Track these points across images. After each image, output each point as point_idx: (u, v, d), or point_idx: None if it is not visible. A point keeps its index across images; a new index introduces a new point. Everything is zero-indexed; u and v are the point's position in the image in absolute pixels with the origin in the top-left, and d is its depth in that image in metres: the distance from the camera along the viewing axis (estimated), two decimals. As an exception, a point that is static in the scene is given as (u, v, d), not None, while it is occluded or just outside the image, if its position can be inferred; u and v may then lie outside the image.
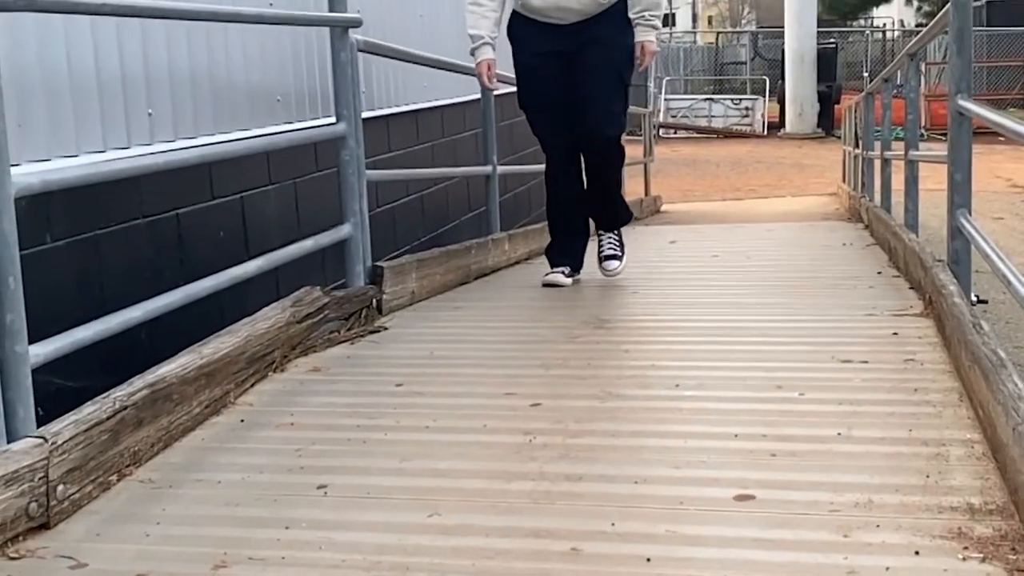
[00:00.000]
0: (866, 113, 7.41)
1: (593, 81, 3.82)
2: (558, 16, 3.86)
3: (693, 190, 12.96)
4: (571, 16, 3.85)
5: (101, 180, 2.21)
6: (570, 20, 3.85)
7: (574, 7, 3.84)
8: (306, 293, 3.08)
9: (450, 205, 5.99)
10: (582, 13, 3.84)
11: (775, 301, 3.65)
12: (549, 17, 3.87)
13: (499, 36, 3.99)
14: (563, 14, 3.86)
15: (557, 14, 3.86)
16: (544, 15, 3.88)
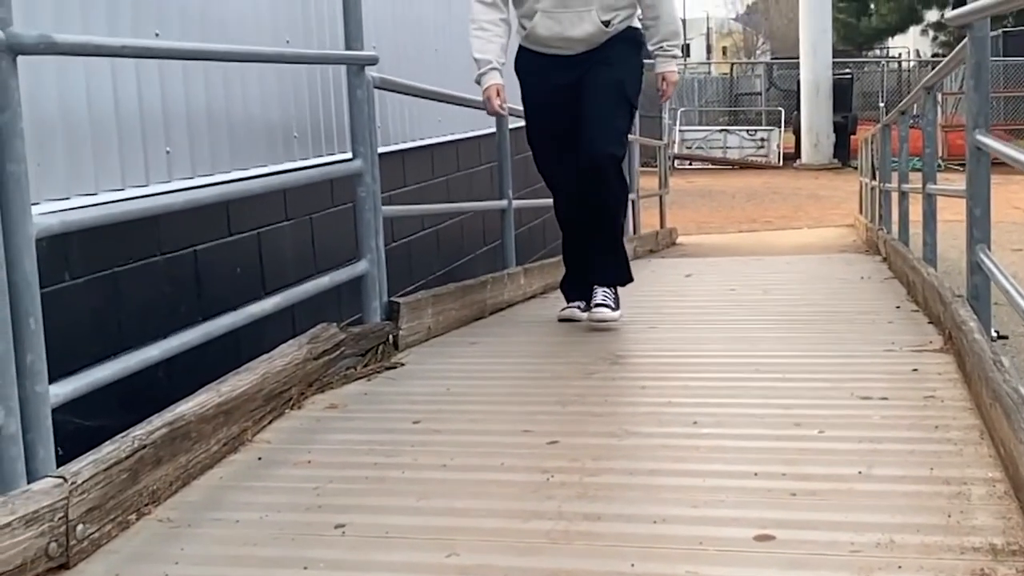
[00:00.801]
0: (883, 145, 7.41)
1: (595, 98, 3.72)
2: (564, 47, 3.78)
3: (709, 222, 12.96)
4: (577, 46, 3.77)
5: (120, 220, 2.22)
6: (576, 51, 3.77)
7: (579, 37, 3.75)
8: (323, 330, 3.08)
9: (465, 239, 6.01)
10: (588, 43, 3.76)
11: (793, 336, 3.63)
12: (555, 48, 3.80)
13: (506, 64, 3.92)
14: (569, 44, 3.78)
15: (563, 45, 3.78)
16: (550, 46, 3.80)
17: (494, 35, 3.77)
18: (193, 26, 3.45)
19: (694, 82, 28.70)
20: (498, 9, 3.78)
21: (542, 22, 3.75)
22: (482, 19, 3.76)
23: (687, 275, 5.84)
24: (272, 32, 3.96)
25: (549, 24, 3.75)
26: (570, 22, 3.73)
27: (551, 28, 3.75)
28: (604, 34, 3.76)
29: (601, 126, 3.68)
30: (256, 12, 3.86)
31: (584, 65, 3.75)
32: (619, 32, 3.78)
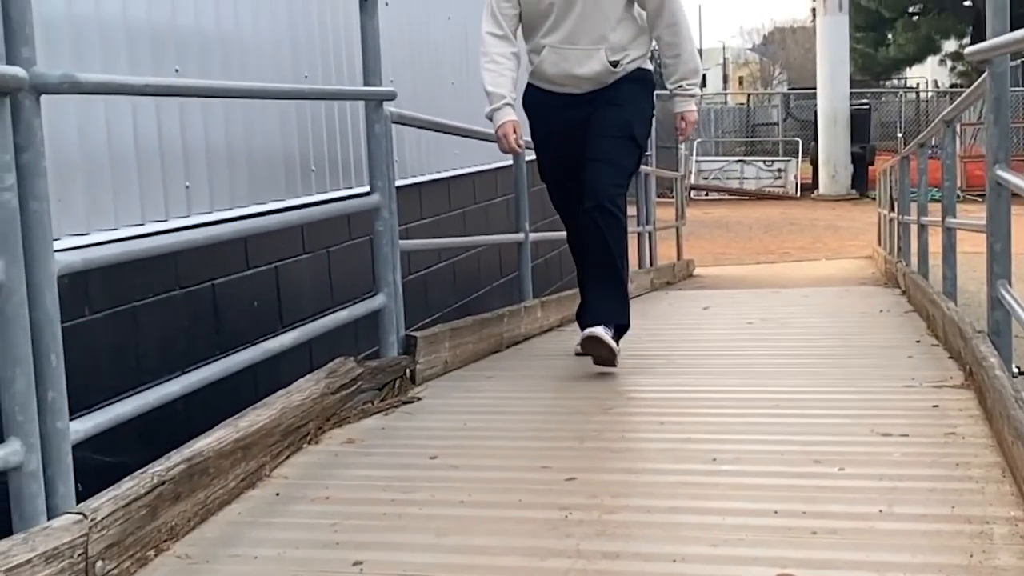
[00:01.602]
0: (901, 177, 7.39)
1: (601, 139, 3.63)
2: (571, 85, 3.72)
3: (726, 253, 12.93)
4: (584, 85, 3.70)
5: (141, 257, 2.24)
6: (584, 89, 3.71)
7: (586, 75, 3.68)
8: (340, 364, 3.08)
9: (482, 271, 6.01)
10: (596, 82, 3.69)
11: (812, 371, 3.62)
12: (562, 86, 3.74)
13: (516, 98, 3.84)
14: (576, 83, 3.71)
15: (570, 83, 3.71)
16: (557, 84, 3.74)
17: (506, 68, 3.70)
18: (213, 61, 3.49)
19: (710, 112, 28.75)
20: (510, 42, 3.73)
21: (549, 58, 3.70)
22: (494, 52, 3.70)
23: (705, 308, 5.82)
24: (292, 66, 3.99)
25: (556, 60, 3.69)
26: (577, 60, 3.67)
27: (558, 65, 3.70)
28: (612, 74, 3.69)
29: (605, 168, 3.60)
30: (276, 47, 3.89)
31: (592, 104, 3.69)
32: (629, 72, 3.71)
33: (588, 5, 3.60)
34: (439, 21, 5.42)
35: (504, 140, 3.72)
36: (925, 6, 27.14)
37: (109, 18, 2.98)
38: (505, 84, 3.69)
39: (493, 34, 3.70)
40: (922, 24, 27.14)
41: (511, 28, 3.72)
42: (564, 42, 3.66)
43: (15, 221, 1.77)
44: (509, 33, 3.72)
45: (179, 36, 3.32)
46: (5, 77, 1.73)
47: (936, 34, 27.32)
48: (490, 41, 3.70)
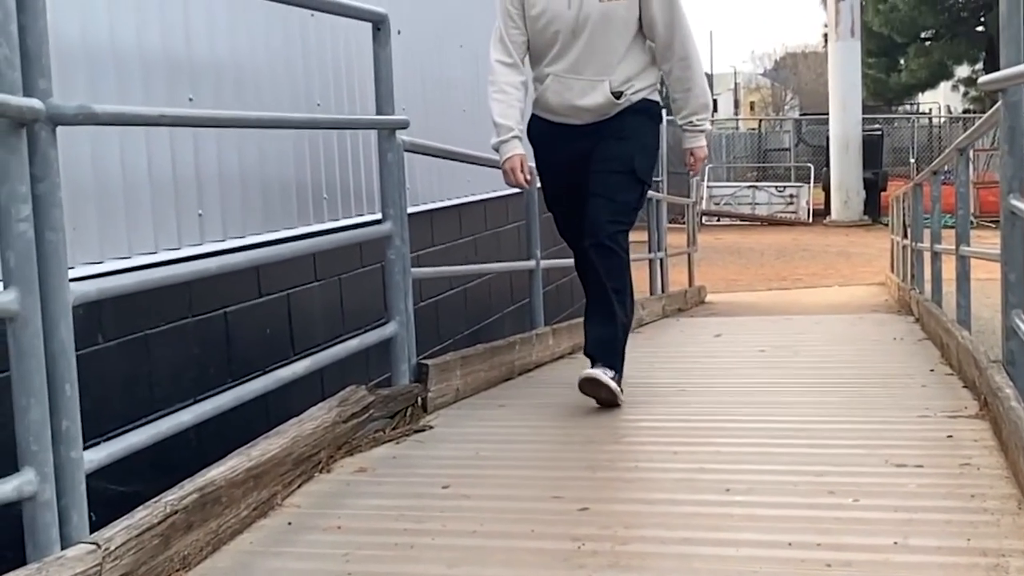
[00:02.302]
0: (914, 203, 7.38)
1: (602, 174, 3.54)
2: (572, 116, 3.63)
3: (738, 279, 12.90)
4: (585, 116, 3.61)
5: (155, 287, 2.25)
6: (585, 120, 3.61)
7: (588, 106, 3.59)
8: (352, 392, 3.08)
9: (493, 298, 6.02)
10: (597, 113, 3.60)
11: (825, 400, 3.60)
12: (564, 117, 3.66)
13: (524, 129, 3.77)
14: (577, 113, 3.62)
15: (571, 113, 3.63)
16: (559, 114, 3.66)
17: (515, 99, 3.63)
18: (226, 88, 3.51)
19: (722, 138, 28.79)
20: (518, 70, 3.66)
21: (553, 87, 3.63)
22: (503, 81, 3.62)
23: (717, 335, 5.81)
24: (305, 93, 4.01)
25: (559, 90, 3.62)
26: (580, 90, 3.59)
27: (561, 95, 3.62)
28: (614, 106, 3.59)
29: (605, 204, 3.51)
30: (289, 74, 3.91)
31: (595, 136, 3.61)
32: (634, 104, 3.61)
33: (595, 34, 3.53)
34: (451, 49, 5.46)
35: (510, 174, 3.65)
36: (937, 32, 27.18)
37: (123, 46, 3.00)
38: (513, 115, 3.63)
39: (502, 62, 3.63)
40: (934, 50, 27.16)
41: (520, 55, 3.65)
42: (568, 71, 3.59)
43: (31, 252, 1.78)
44: (518, 60, 3.65)
45: (193, 64, 3.34)
46: (22, 109, 1.75)
47: (949, 60, 27.34)
48: (499, 69, 3.64)
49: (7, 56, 1.78)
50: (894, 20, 25.91)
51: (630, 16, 3.53)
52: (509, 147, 3.60)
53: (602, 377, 3.42)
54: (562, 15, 3.52)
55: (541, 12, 3.55)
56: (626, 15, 3.52)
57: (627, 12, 3.52)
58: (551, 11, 3.53)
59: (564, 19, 3.52)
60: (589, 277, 3.61)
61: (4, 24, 1.77)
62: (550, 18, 3.54)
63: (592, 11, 3.50)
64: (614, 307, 3.53)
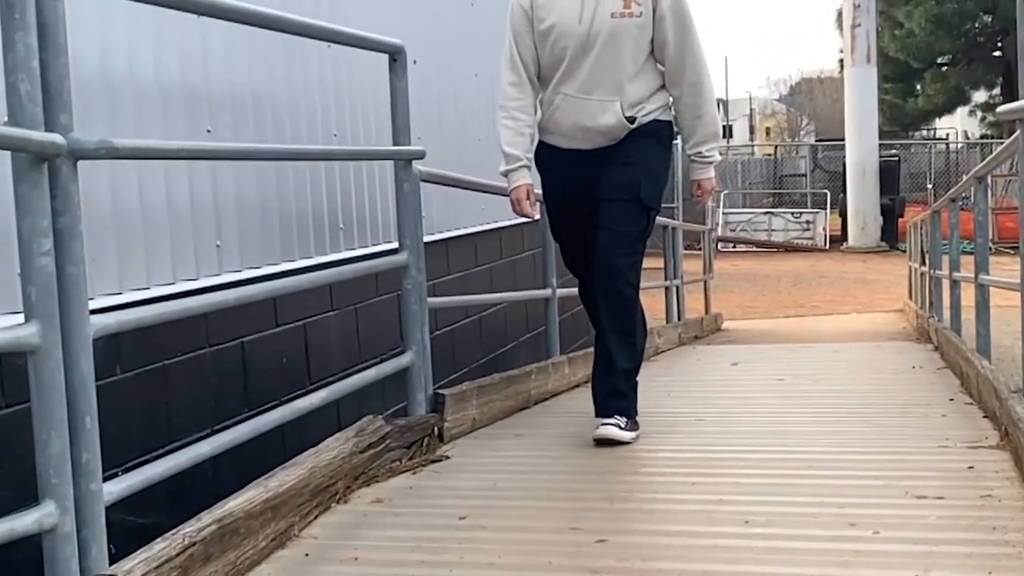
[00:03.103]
0: (932, 231, 7.35)
1: (609, 203, 3.42)
2: (582, 139, 3.50)
3: (754, 307, 12.85)
4: (596, 139, 3.49)
5: (174, 319, 2.26)
6: (596, 144, 3.49)
7: (599, 129, 3.46)
8: (368, 423, 3.08)
9: (508, 326, 6.01)
10: (608, 136, 3.47)
11: (844, 430, 3.57)
12: (575, 141, 3.52)
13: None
14: (588, 136, 3.49)
15: (581, 136, 3.50)
16: (570, 138, 3.53)
17: (524, 125, 3.55)
18: (245, 119, 3.54)
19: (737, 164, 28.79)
20: (528, 91, 3.55)
21: (563, 107, 3.50)
22: (511, 105, 3.55)
23: (734, 364, 5.78)
24: (322, 123, 4.04)
25: (569, 110, 3.49)
26: (591, 112, 3.46)
27: (570, 115, 3.49)
28: (624, 127, 3.47)
29: (612, 238, 3.41)
30: (307, 105, 3.94)
31: (603, 162, 3.50)
32: (643, 125, 3.48)
33: (605, 52, 3.40)
34: (466, 78, 5.49)
35: (518, 205, 3.63)
36: (954, 57, 27.17)
37: (142, 78, 3.03)
38: (521, 144, 3.55)
39: (512, 83, 3.54)
40: (951, 75, 27.15)
41: (530, 73, 3.54)
42: (578, 91, 3.46)
43: (52, 285, 1.79)
44: (527, 80, 3.54)
45: (211, 95, 3.37)
46: (44, 144, 1.77)
47: (966, 85, 27.32)
48: (509, 92, 3.55)
49: (29, 92, 1.80)
50: (910, 46, 25.92)
51: (642, 36, 3.43)
52: (516, 177, 3.57)
53: (616, 435, 3.36)
54: (572, 30, 3.41)
55: (550, 27, 3.45)
56: (638, 34, 3.41)
57: (639, 31, 3.41)
58: (561, 26, 3.43)
59: (574, 34, 3.41)
60: (599, 318, 3.53)
61: (26, 60, 1.79)
62: (559, 33, 3.44)
63: (603, 27, 3.39)
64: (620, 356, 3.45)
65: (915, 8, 25.27)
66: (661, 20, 3.41)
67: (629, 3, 3.39)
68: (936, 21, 25.14)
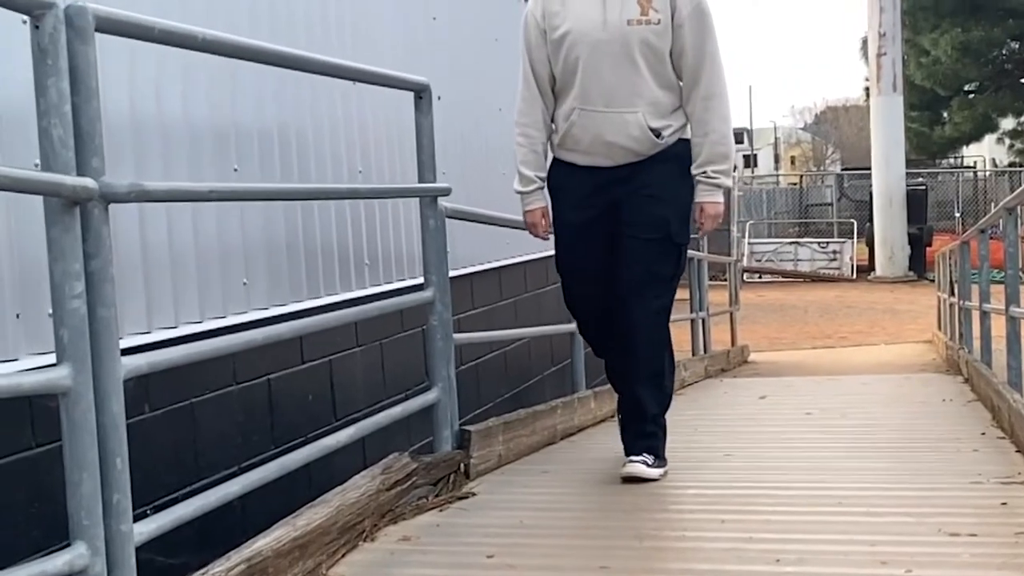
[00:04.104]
0: (962, 261, 7.29)
1: (634, 243, 3.24)
2: (603, 154, 3.28)
3: (781, 338, 12.77)
4: (618, 155, 3.27)
5: (203, 359, 2.27)
6: (618, 161, 3.27)
7: (622, 142, 3.25)
8: (395, 460, 3.08)
9: (533, 360, 6.00)
10: (632, 152, 3.26)
11: (875, 466, 3.54)
12: (593, 157, 3.30)
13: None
14: (609, 152, 3.27)
15: (602, 151, 3.28)
16: (587, 153, 3.31)
17: (538, 142, 3.39)
18: (271, 158, 3.57)
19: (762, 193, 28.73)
20: (537, 105, 3.39)
21: (579, 122, 3.29)
22: (523, 121, 3.41)
23: (762, 397, 5.74)
24: (347, 160, 4.07)
25: (586, 125, 3.28)
26: (611, 124, 3.25)
27: (588, 130, 3.28)
28: (653, 144, 3.25)
29: (643, 276, 3.24)
30: (332, 142, 3.98)
31: (625, 187, 3.27)
32: (670, 146, 3.28)
33: (621, 61, 3.22)
34: (490, 113, 5.52)
35: (532, 228, 3.52)
36: (981, 84, 27.07)
37: (170, 118, 3.07)
38: (536, 163, 3.40)
39: (523, 98, 3.41)
40: (979, 102, 27.03)
41: (542, 87, 3.38)
42: (596, 104, 3.25)
43: (84, 328, 1.81)
44: (538, 93, 3.38)
45: (239, 134, 3.40)
46: (76, 188, 1.79)
47: (993, 112, 27.18)
48: (520, 107, 3.42)
49: (61, 136, 1.82)
50: (937, 73, 25.85)
51: (660, 44, 3.23)
52: (530, 199, 3.45)
53: (644, 473, 3.30)
54: (586, 37, 3.23)
55: (564, 35, 3.27)
56: (656, 43, 3.22)
57: (657, 40, 3.22)
58: (575, 33, 3.25)
59: (588, 42, 3.23)
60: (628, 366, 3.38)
61: (59, 105, 1.82)
62: (573, 41, 3.25)
63: (617, 34, 3.21)
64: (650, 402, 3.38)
65: (941, 36, 25.21)
66: (680, 27, 3.23)
67: (646, 9, 3.21)
68: (963, 48, 25.07)
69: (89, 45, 1.89)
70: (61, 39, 1.83)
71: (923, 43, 25.81)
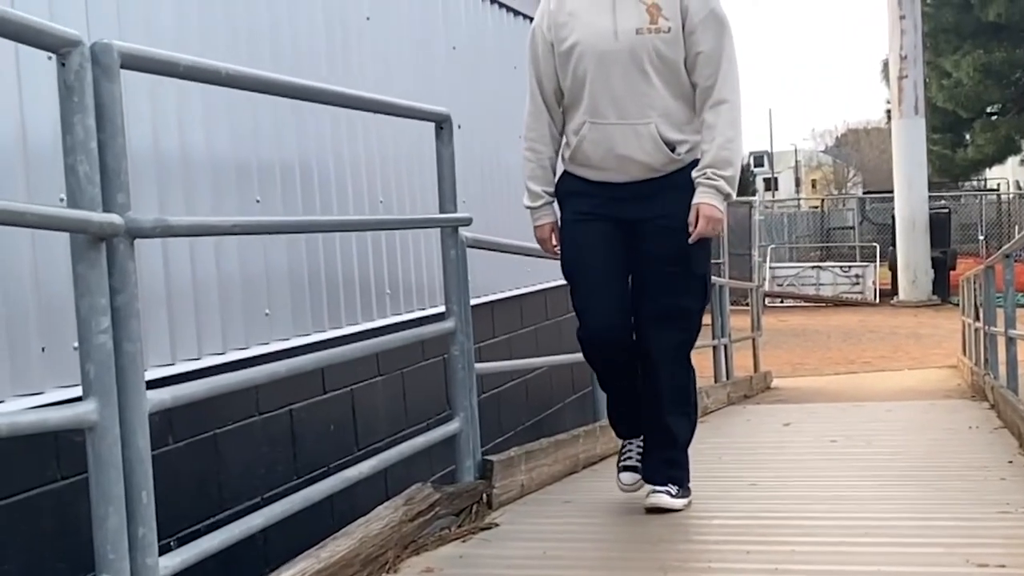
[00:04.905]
0: (986, 286, 7.24)
1: (657, 274, 3.15)
2: (616, 168, 3.14)
3: (804, 363, 12.69)
4: (632, 170, 3.13)
5: (226, 392, 2.28)
6: (632, 176, 3.13)
7: (635, 156, 3.11)
8: (417, 490, 3.07)
9: (554, 388, 5.99)
10: (646, 167, 3.12)
11: (900, 495, 3.50)
12: (605, 172, 3.17)
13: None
14: (622, 166, 3.14)
15: (615, 166, 3.14)
16: (599, 168, 3.17)
17: (545, 157, 3.29)
18: (292, 190, 3.59)
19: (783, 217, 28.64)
20: (543, 119, 3.29)
21: (590, 136, 3.15)
22: (532, 135, 3.30)
23: (785, 424, 5.70)
24: (368, 191, 4.09)
25: (597, 139, 3.14)
26: (622, 137, 3.11)
27: (599, 144, 3.14)
28: (669, 161, 3.11)
29: (664, 314, 3.17)
30: (354, 173, 4.00)
31: (639, 208, 3.14)
32: (685, 167, 3.12)
33: (630, 72, 3.09)
34: (510, 141, 5.53)
35: (542, 245, 3.42)
36: (1004, 106, 26.94)
37: (193, 152, 3.10)
38: (543, 178, 3.30)
39: (529, 112, 3.31)
40: (1001, 124, 26.89)
41: (548, 101, 3.27)
42: (606, 116, 3.13)
43: (110, 363, 1.82)
44: (547, 107, 3.28)
45: (261, 166, 3.43)
46: (103, 225, 1.80)
47: (1016, 134, 27.03)
48: (527, 122, 3.33)
49: (87, 173, 1.84)
50: (959, 95, 25.75)
51: (671, 53, 3.09)
52: (538, 215, 3.35)
53: (667, 504, 3.26)
54: (594, 48, 3.11)
55: (572, 46, 3.15)
56: (666, 51, 3.09)
57: (668, 49, 3.09)
58: (583, 44, 3.13)
59: (596, 53, 3.11)
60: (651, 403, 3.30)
61: (85, 142, 1.84)
62: (581, 52, 3.13)
63: (625, 44, 3.08)
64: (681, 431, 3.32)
65: (963, 58, 25.15)
66: (691, 34, 3.09)
67: (656, 18, 3.08)
68: (985, 70, 24.98)
69: (115, 82, 1.91)
70: (87, 76, 1.85)
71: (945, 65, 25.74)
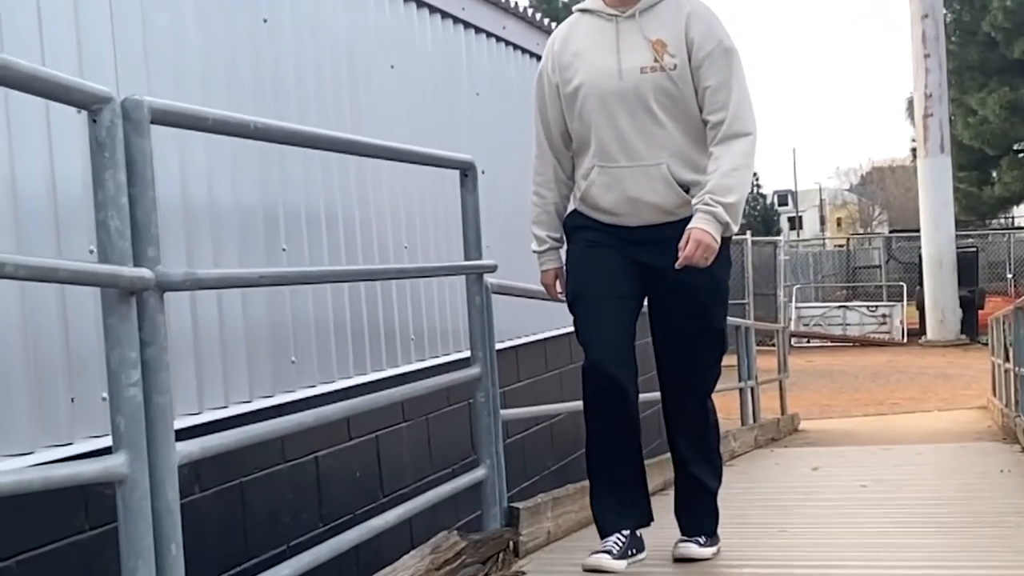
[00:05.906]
0: (1016, 326, 7.17)
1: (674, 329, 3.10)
2: (628, 214, 3.03)
3: (832, 404, 12.57)
4: (644, 213, 3.02)
5: (254, 442, 2.29)
6: (644, 220, 3.02)
7: (648, 198, 3.00)
8: (444, 539, 3.06)
9: (579, 431, 5.92)
10: (660, 209, 3.00)
11: (933, 542, 3.45)
12: (617, 217, 3.06)
13: None
14: (634, 210, 3.02)
15: (626, 210, 3.03)
16: (610, 213, 3.07)
17: (550, 203, 3.23)
18: (318, 237, 3.62)
19: (808, 256, 28.51)
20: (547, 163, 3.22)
21: (599, 179, 3.04)
22: (539, 180, 3.25)
23: (814, 468, 5.65)
24: (393, 238, 4.12)
25: (607, 183, 3.03)
26: (633, 179, 2.99)
27: (610, 188, 3.03)
28: (683, 203, 2.97)
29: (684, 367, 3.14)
30: (380, 221, 4.03)
31: (654, 251, 3.00)
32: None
33: (636, 109, 2.99)
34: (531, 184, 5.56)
35: (548, 291, 3.37)
36: (1030, 142, 26.88)
37: (220, 203, 3.13)
38: (548, 223, 3.24)
39: (536, 156, 3.26)
40: (1028, 161, 26.81)
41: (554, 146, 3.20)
42: (616, 159, 3.02)
43: (140, 415, 1.83)
44: (553, 152, 3.20)
45: (287, 215, 3.46)
46: (133, 279, 1.82)
47: (1042, 170, 26.94)
48: (534, 166, 3.27)
49: (118, 228, 1.86)
50: (984, 133, 25.67)
51: (679, 91, 2.98)
52: (543, 260, 3.30)
53: (696, 554, 3.20)
54: (598, 88, 3.01)
55: (577, 88, 3.06)
56: (673, 89, 2.97)
57: (675, 87, 2.97)
58: (588, 85, 3.03)
59: (600, 92, 3.01)
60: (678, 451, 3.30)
61: (116, 197, 1.86)
62: (587, 93, 3.03)
63: (630, 83, 2.98)
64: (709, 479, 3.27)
65: (989, 95, 25.10)
66: (699, 68, 2.98)
67: (661, 55, 2.97)
68: (1011, 108, 24.92)
69: (145, 138, 1.94)
70: (118, 133, 1.88)
71: (970, 103, 25.70)
